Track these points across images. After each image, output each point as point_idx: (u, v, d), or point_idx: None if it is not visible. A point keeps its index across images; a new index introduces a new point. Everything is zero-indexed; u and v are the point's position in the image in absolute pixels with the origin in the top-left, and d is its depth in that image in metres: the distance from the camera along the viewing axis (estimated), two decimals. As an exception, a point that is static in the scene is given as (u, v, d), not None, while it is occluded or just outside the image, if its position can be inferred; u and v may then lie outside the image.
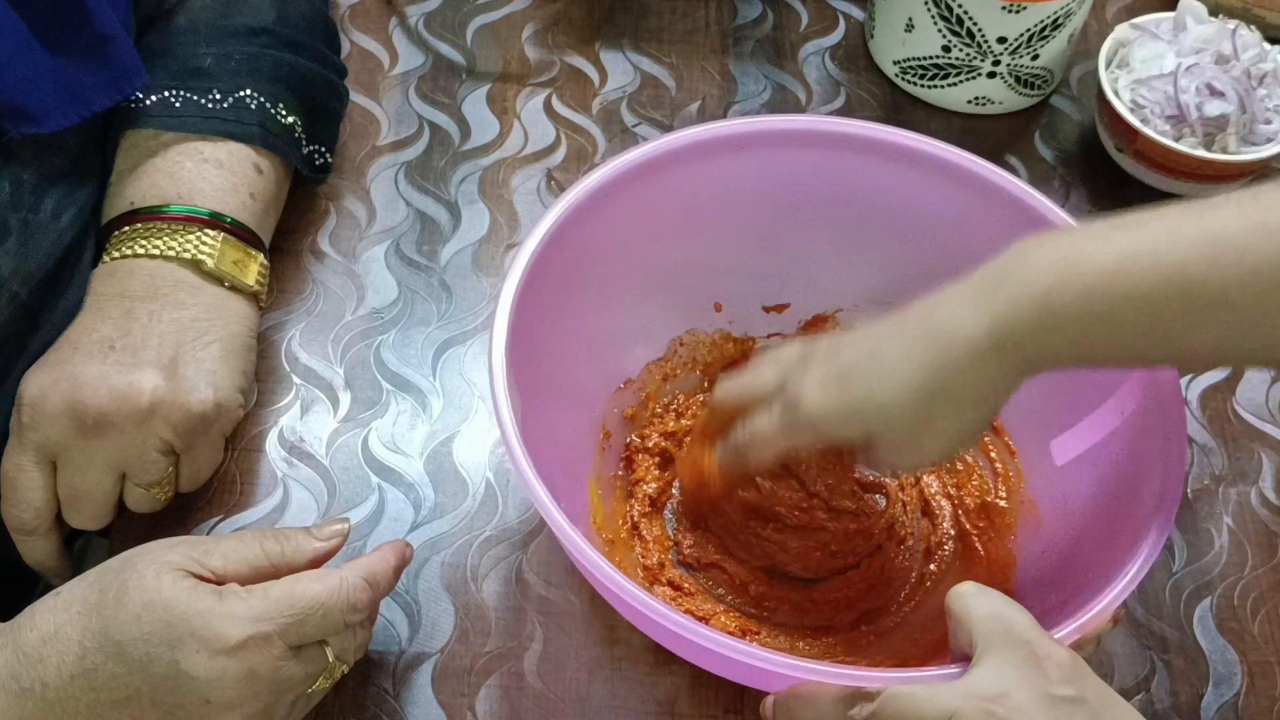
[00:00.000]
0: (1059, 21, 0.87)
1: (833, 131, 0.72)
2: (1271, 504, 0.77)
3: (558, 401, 0.69)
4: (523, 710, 0.68)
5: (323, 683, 0.62)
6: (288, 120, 0.77)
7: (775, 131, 0.72)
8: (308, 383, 0.78)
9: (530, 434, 0.61)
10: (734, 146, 0.72)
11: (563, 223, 0.67)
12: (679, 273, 0.76)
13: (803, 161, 0.73)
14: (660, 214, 0.72)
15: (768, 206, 0.74)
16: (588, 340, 0.73)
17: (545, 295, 0.66)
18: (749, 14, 0.98)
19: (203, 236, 0.72)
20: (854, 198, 0.74)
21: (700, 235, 0.74)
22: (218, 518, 0.73)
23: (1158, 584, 0.74)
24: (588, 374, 0.74)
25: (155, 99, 0.75)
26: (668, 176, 0.71)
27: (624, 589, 0.56)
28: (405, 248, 0.84)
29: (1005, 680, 0.52)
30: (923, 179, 0.72)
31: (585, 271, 0.70)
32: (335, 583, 0.60)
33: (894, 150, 0.71)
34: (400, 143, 0.89)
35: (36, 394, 0.67)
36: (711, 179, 0.72)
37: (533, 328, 0.65)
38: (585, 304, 0.71)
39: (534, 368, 0.65)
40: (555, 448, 0.67)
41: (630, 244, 0.72)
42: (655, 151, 0.70)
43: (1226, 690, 0.71)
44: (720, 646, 0.55)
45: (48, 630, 0.58)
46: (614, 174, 0.69)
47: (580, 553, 0.57)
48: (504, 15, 0.96)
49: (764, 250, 0.76)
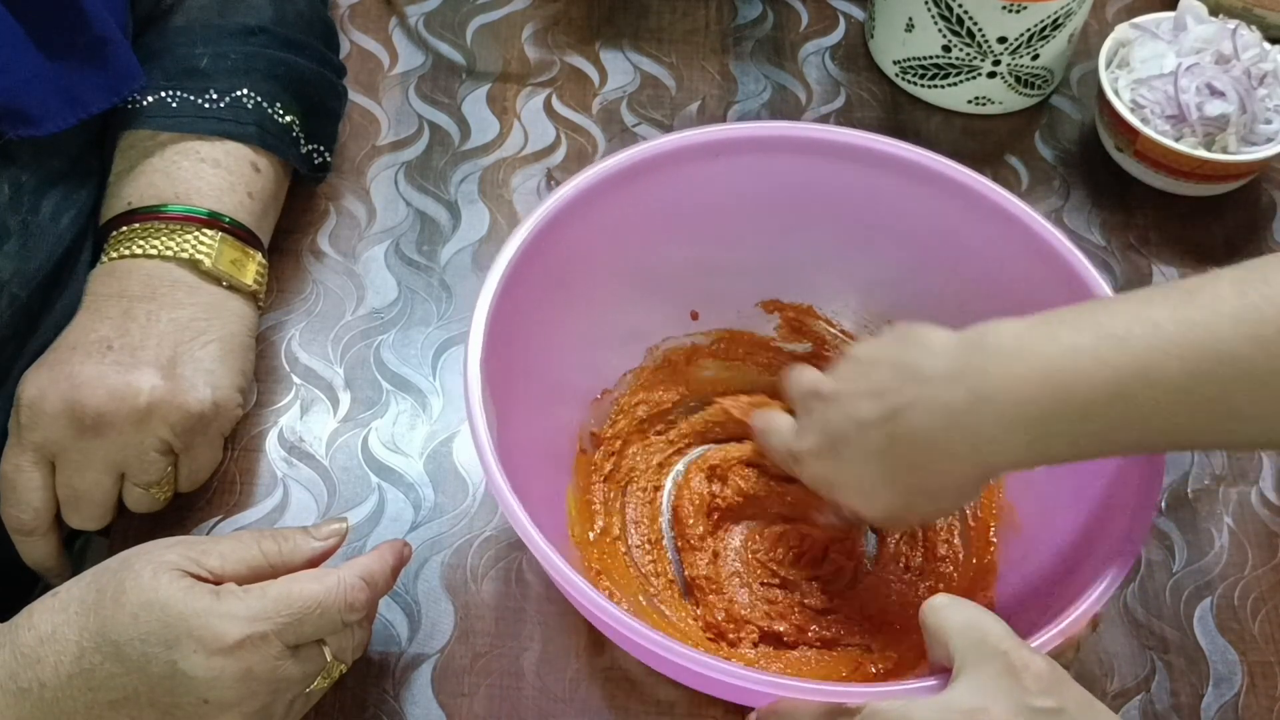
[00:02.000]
0: (1059, 21, 0.87)
1: (808, 137, 0.72)
2: (1271, 504, 0.77)
3: (536, 412, 0.69)
4: (522, 710, 0.68)
5: (321, 682, 0.61)
6: (285, 119, 0.77)
7: (748, 138, 0.72)
8: (307, 383, 0.78)
9: (507, 446, 0.61)
10: (707, 154, 0.71)
11: (536, 235, 0.66)
12: (654, 281, 0.75)
13: (777, 168, 0.72)
14: (634, 222, 0.72)
15: (742, 213, 0.74)
16: (564, 351, 0.72)
17: (520, 308, 0.66)
18: (749, 14, 0.98)
19: (200, 236, 0.72)
20: (831, 203, 0.73)
21: (675, 243, 0.74)
22: (217, 518, 0.73)
23: (1158, 584, 0.74)
24: (564, 385, 0.74)
25: (152, 99, 0.75)
26: (641, 185, 0.71)
27: (600, 605, 0.56)
28: (405, 248, 0.84)
29: (983, 693, 0.52)
30: (901, 185, 0.71)
31: (559, 283, 0.70)
32: (333, 582, 0.60)
33: (870, 156, 0.71)
34: (400, 143, 0.89)
35: (35, 394, 0.67)
36: (685, 186, 0.72)
37: (508, 340, 0.65)
38: (560, 315, 0.71)
39: (510, 380, 0.64)
40: (533, 459, 0.67)
41: (605, 254, 0.72)
42: (627, 161, 0.70)
43: (1226, 690, 0.71)
44: (694, 663, 0.55)
45: (45, 630, 0.58)
46: (588, 184, 0.68)
47: (551, 565, 0.57)
48: (504, 15, 0.96)
49: (739, 257, 0.76)
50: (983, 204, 0.70)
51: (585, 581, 0.57)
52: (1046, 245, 0.68)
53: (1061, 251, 0.68)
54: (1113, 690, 0.70)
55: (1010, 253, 0.70)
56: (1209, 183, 0.87)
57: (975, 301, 0.73)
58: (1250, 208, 0.90)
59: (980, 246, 0.71)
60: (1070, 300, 0.66)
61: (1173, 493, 0.77)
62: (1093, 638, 0.71)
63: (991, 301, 0.72)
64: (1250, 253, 0.87)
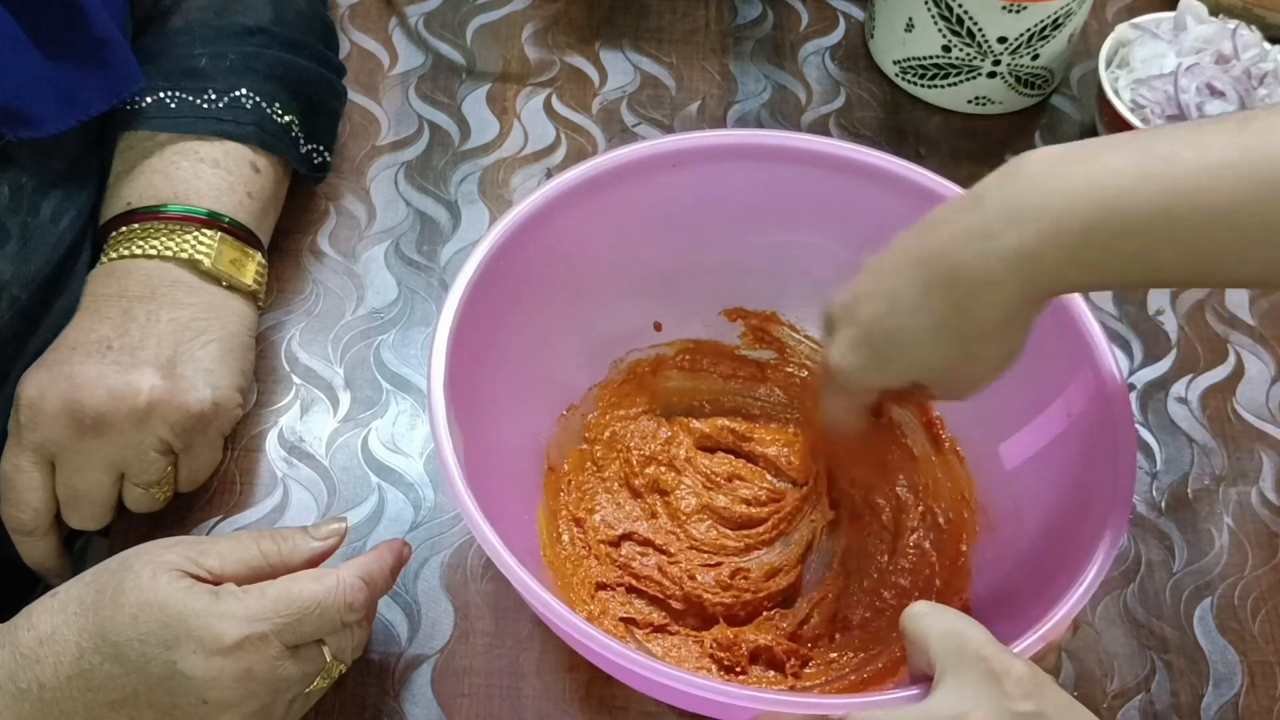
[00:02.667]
0: (1059, 21, 0.87)
1: (767, 144, 0.72)
2: (1271, 504, 0.77)
3: (503, 430, 0.69)
4: (522, 710, 0.68)
5: (320, 682, 0.61)
6: (284, 119, 0.77)
7: (706, 147, 0.72)
8: (307, 383, 0.78)
9: (476, 468, 0.60)
10: (665, 164, 0.71)
11: (496, 252, 0.66)
12: (615, 293, 0.75)
13: (736, 175, 0.72)
14: (595, 234, 0.71)
15: (703, 222, 0.74)
16: (528, 368, 0.72)
17: (479, 330, 0.66)
18: (749, 14, 0.98)
19: (200, 236, 0.72)
20: (792, 209, 0.73)
21: (636, 254, 0.74)
22: (217, 518, 0.73)
23: (1158, 584, 0.74)
24: (530, 402, 0.73)
25: (151, 100, 0.75)
26: (600, 197, 0.70)
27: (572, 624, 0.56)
28: (405, 248, 0.84)
29: (964, 700, 0.51)
30: (860, 188, 0.71)
31: (520, 299, 0.69)
32: (332, 582, 0.60)
33: (828, 160, 0.71)
34: (400, 143, 0.89)
35: (34, 394, 0.67)
36: (645, 197, 0.72)
37: (473, 359, 0.64)
38: (522, 332, 0.70)
39: (476, 399, 0.64)
40: (502, 478, 0.67)
41: (564, 268, 0.71)
42: (586, 174, 0.69)
43: (1226, 690, 0.71)
44: (666, 678, 0.55)
45: (45, 631, 0.58)
46: (544, 200, 0.68)
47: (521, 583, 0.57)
48: (504, 15, 0.96)
49: (700, 265, 0.75)
50: (930, 196, 0.69)
51: (558, 600, 0.56)
52: None
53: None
54: (1113, 690, 0.70)
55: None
56: (1209, 182, 0.87)
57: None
58: (1250, 207, 0.90)
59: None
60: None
61: (1173, 493, 0.77)
62: (1093, 637, 0.71)
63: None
64: (1250, 252, 0.87)
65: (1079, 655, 0.71)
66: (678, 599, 0.71)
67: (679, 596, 0.71)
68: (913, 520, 0.73)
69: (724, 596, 0.71)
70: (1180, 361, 0.82)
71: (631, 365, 0.77)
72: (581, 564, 0.72)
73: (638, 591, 0.72)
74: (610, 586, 0.72)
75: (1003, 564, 0.68)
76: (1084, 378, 0.65)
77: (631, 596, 0.72)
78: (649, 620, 0.71)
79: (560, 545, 0.72)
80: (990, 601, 0.67)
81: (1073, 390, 0.66)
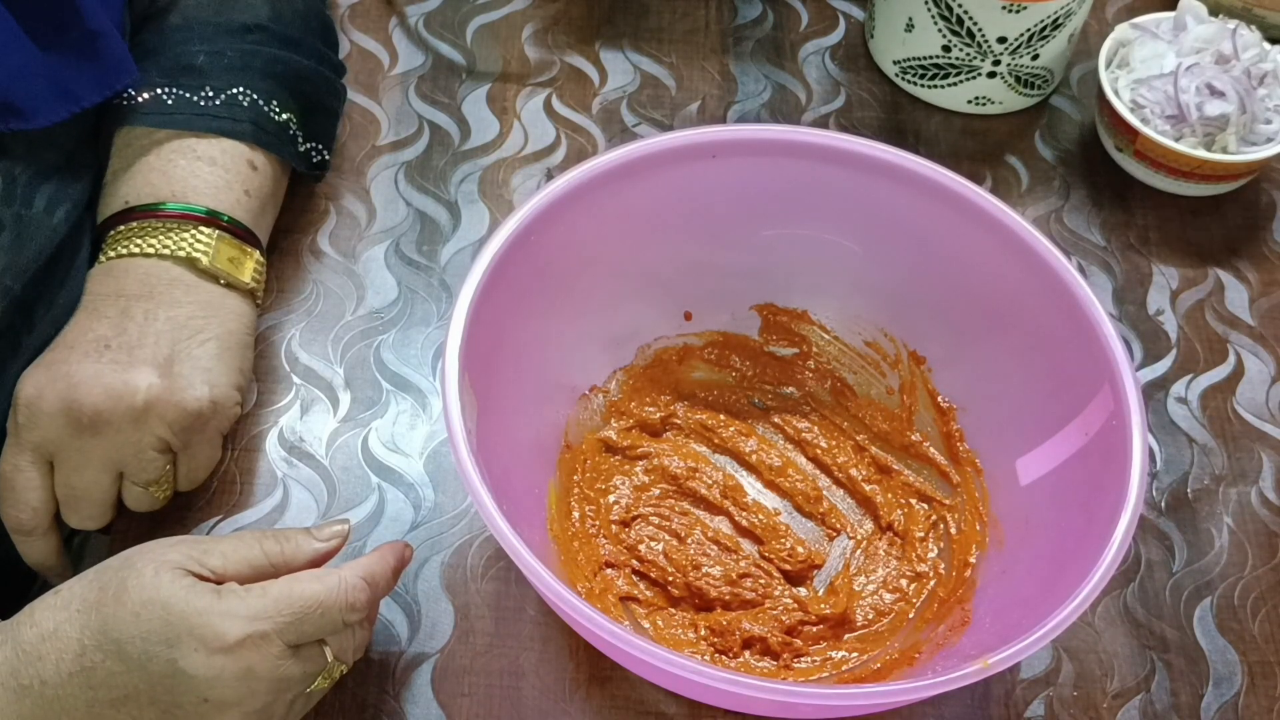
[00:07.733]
0: (1059, 21, 0.87)
1: (806, 142, 0.72)
2: (1271, 504, 0.77)
3: (522, 406, 0.69)
4: (522, 710, 0.68)
5: (321, 682, 0.61)
6: (282, 117, 0.77)
7: (746, 140, 0.72)
8: (307, 383, 0.78)
9: (488, 440, 0.60)
10: (705, 154, 0.71)
11: (526, 228, 0.66)
12: (647, 280, 0.75)
13: (772, 170, 0.72)
14: (629, 220, 0.72)
15: (738, 215, 0.74)
16: (552, 346, 0.72)
17: (506, 300, 0.66)
18: (749, 14, 0.98)
19: (198, 234, 0.72)
20: (826, 208, 0.73)
21: (669, 242, 0.74)
22: (217, 518, 0.73)
23: (1158, 584, 0.74)
24: (552, 380, 0.74)
25: (148, 96, 0.75)
26: (637, 183, 0.70)
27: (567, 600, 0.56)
28: (405, 247, 0.84)
29: None
30: (894, 190, 0.71)
31: (548, 277, 0.69)
32: (334, 582, 0.60)
33: (864, 162, 0.71)
34: (400, 142, 0.89)
35: (33, 393, 0.67)
36: (682, 186, 0.72)
37: (494, 333, 0.65)
38: (549, 310, 0.71)
39: (494, 373, 0.64)
40: (517, 453, 0.67)
41: (597, 250, 0.72)
42: (623, 158, 0.69)
43: (1226, 690, 0.71)
44: (658, 660, 0.55)
45: (47, 628, 0.58)
46: (582, 179, 0.68)
47: (519, 558, 0.57)
48: (504, 15, 0.96)
49: (733, 259, 0.76)
50: (971, 210, 0.70)
51: (555, 578, 0.57)
52: (1033, 252, 0.68)
53: (1049, 260, 0.68)
54: (1113, 690, 0.70)
55: (1000, 259, 0.70)
56: (1209, 183, 0.87)
57: (964, 306, 0.73)
58: (1250, 208, 0.90)
59: (969, 253, 0.71)
60: (1060, 306, 0.66)
61: (1173, 493, 0.77)
62: (1093, 637, 0.71)
63: (980, 305, 0.73)
64: (1250, 253, 0.87)
65: (1079, 655, 0.71)
66: (678, 586, 0.71)
67: (680, 584, 0.71)
68: (922, 529, 0.74)
69: (724, 592, 0.71)
70: (1180, 361, 0.82)
71: (659, 352, 0.78)
72: (589, 541, 0.72)
73: (641, 574, 0.72)
74: (617, 566, 0.72)
75: (1008, 577, 0.68)
76: (1103, 397, 0.65)
77: (636, 578, 0.72)
78: (651, 602, 0.72)
79: (569, 522, 0.72)
80: (990, 614, 0.67)
81: (1092, 409, 0.66)
